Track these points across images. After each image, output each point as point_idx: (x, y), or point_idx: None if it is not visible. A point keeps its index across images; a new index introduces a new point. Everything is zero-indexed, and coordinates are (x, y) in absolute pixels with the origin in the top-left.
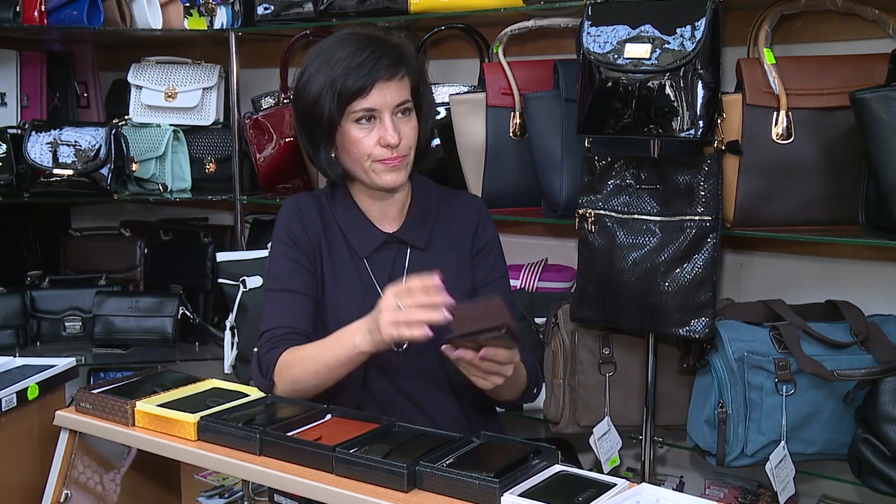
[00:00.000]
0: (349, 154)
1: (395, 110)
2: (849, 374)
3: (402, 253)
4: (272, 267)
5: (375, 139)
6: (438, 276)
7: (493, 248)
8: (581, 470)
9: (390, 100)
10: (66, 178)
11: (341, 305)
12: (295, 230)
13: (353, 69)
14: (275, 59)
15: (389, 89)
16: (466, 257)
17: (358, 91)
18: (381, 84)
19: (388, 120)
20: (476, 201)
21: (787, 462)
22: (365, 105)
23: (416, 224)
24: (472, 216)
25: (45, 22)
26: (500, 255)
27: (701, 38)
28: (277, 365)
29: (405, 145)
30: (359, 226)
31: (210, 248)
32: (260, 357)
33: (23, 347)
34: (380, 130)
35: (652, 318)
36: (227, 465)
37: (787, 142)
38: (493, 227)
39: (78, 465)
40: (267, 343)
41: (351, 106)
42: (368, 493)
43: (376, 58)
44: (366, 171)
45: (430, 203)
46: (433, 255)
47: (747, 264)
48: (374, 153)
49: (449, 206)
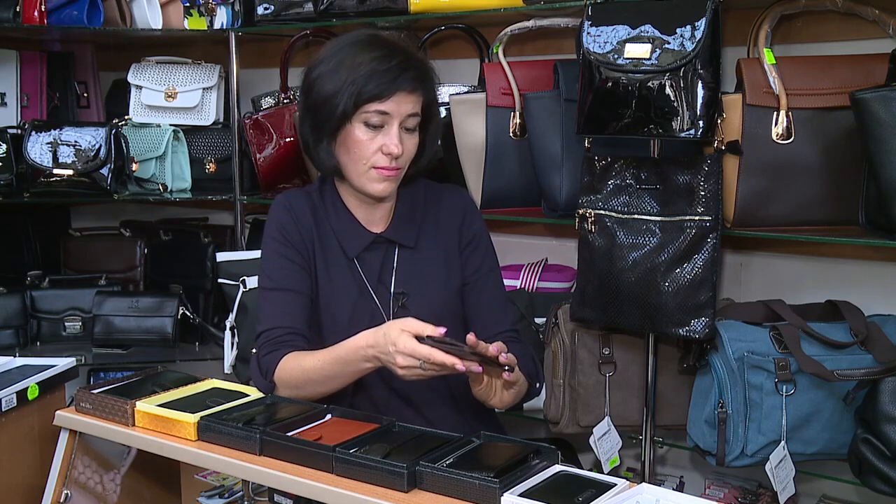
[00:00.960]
0: (349, 153)
1: (405, 122)
2: (849, 374)
3: (390, 252)
4: (266, 265)
5: (378, 145)
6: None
7: (480, 241)
8: (581, 470)
9: (404, 110)
10: (66, 178)
11: (336, 304)
12: (288, 228)
13: (379, 73)
14: (275, 59)
15: (406, 101)
16: (455, 254)
17: (378, 95)
18: (402, 94)
19: (395, 129)
20: (461, 196)
21: (787, 462)
22: (380, 108)
23: (403, 223)
24: (458, 212)
25: (45, 22)
26: (490, 248)
27: (701, 38)
28: (278, 369)
29: (405, 159)
30: (347, 226)
31: (210, 248)
32: (260, 358)
33: (23, 347)
34: (385, 138)
35: (652, 318)
36: (227, 465)
37: (787, 142)
38: (479, 220)
39: (78, 465)
40: (266, 345)
41: (366, 106)
42: (368, 493)
43: (403, 69)
44: (359, 175)
45: (416, 200)
46: (421, 253)
47: (747, 264)
48: (373, 159)
49: (436, 202)
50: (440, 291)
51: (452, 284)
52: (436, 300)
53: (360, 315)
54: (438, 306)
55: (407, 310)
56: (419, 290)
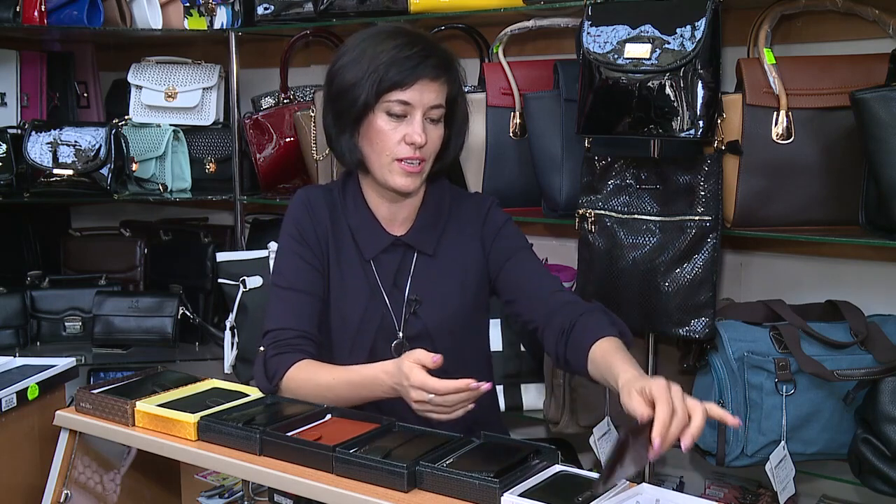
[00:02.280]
0: (372, 145)
1: (428, 112)
2: (849, 374)
3: (408, 257)
4: (280, 262)
5: (401, 135)
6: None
7: (506, 229)
8: (581, 470)
9: (427, 100)
10: (66, 178)
11: (347, 306)
12: (304, 226)
13: (400, 61)
14: (275, 59)
15: (429, 89)
16: (475, 261)
17: (399, 82)
18: (424, 82)
19: (418, 118)
20: (483, 200)
21: (787, 462)
22: (402, 97)
23: (426, 229)
24: (479, 216)
25: (45, 22)
26: (518, 233)
27: (701, 38)
28: (288, 376)
29: (429, 150)
30: (367, 226)
31: (210, 248)
32: (266, 360)
33: (23, 347)
34: (408, 127)
35: (652, 318)
36: (227, 465)
37: (787, 142)
38: (503, 214)
39: (78, 465)
40: (274, 346)
41: (388, 95)
42: (368, 493)
43: (424, 56)
44: (382, 167)
45: (441, 207)
46: (440, 260)
47: (747, 264)
48: (396, 150)
49: (460, 210)
50: (454, 302)
51: (467, 295)
52: (449, 310)
53: (370, 317)
54: (450, 316)
55: (419, 317)
56: (433, 298)
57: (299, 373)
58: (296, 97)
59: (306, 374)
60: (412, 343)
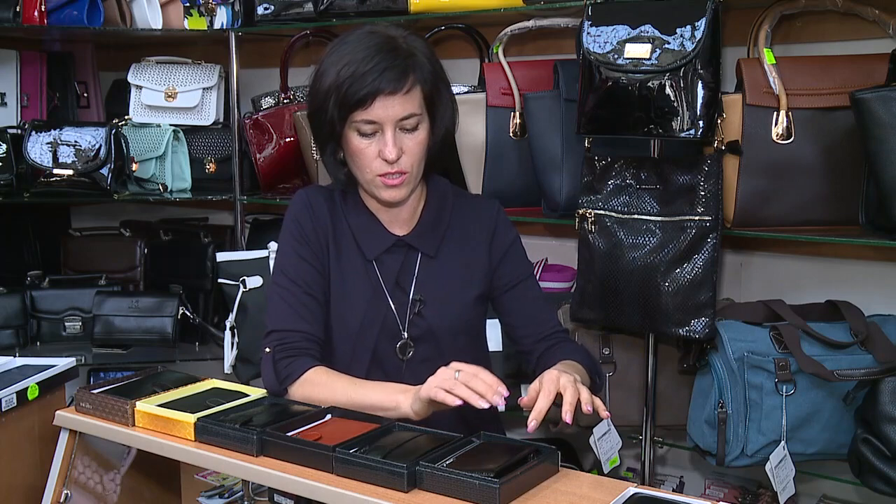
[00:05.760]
0: (353, 162)
1: (399, 124)
2: (849, 374)
3: (411, 257)
4: (281, 260)
5: (376, 151)
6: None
7: (515, 251)
8: (657, 491)
9: (393, 114)
10: (66, 178)
11: (348, 306)
12: (305, 225)
13: (359, 77)
14: (275, 59)
15: (392, 103)
16: (479, 266)
17: (359, 101)
18: (384, 98)
19: (389, 134)
20: (492, 207)
21: (787, 462)
22: (366, 117)
23: (427, 230)
24: (488, 225)
25: (45, 22)
26: (524, 257)
27: (701, 38)
28: (301, 381)
29: (406, 161)
30: (368, 226)
31: (210, 248)
32: (276, 361)
33: (23, 347)
34: (380, 143)
35: (652, 318)
36: (226, 466)
37: (787, 142)
38: (512, 230)
39: (78, 465)
40: (283, 349)
41: (353, 115)
42: (368, 493)
43: (381, 69)
44: (367, 183)
45: (444, 209)
46: (442, 261)
47: (747, 264)
48: (374, 166)
49: (463, 213)
50: (457, 303)
51: (469, 297)
52: (452, 311)
53: (372, 317)
54: (454, 317)
55: (423, 317)
56: (437, 299)
57: (316, 379)
58: (296, 97)
59: (321, 380)
60: (416, 343)
